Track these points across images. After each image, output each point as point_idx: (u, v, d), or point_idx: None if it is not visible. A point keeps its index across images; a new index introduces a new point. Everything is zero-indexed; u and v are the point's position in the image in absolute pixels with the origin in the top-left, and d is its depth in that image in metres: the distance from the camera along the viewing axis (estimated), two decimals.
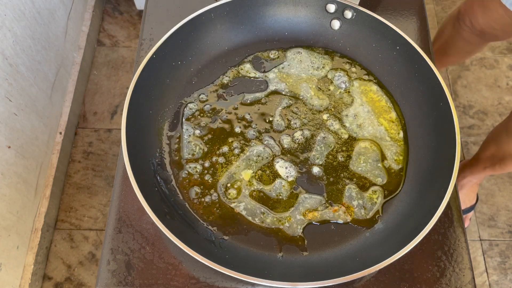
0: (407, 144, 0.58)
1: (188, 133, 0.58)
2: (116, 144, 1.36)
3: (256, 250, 0.51)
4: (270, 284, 0.44)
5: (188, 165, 0.55)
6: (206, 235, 0.51)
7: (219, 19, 0.61)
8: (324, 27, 0.64)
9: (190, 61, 0.61)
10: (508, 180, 1.35)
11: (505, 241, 1.27)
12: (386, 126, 0.59)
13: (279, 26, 0.64)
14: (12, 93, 1.01)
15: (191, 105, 0.60)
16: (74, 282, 1.17)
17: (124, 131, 0.50)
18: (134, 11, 1.59)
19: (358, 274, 0.44)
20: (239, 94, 0.61)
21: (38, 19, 1.13)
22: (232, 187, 0.55)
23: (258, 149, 0.57)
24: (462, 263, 0.52)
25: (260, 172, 0.56)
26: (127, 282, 0.51)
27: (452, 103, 0.54)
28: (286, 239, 0.52)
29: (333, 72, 0.63)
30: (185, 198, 0.54)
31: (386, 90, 0.62)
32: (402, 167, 0.57)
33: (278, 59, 0.64)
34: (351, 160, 0.57)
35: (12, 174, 1.01)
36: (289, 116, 0.59)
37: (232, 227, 0.52)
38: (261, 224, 0.53)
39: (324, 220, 0.53)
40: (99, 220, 1.25)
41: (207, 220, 0.52)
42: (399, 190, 0.55)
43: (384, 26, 0.60)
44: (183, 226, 0.50)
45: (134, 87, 0.53)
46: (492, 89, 1.49)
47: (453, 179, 0.49)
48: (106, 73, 1.48)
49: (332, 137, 0.58)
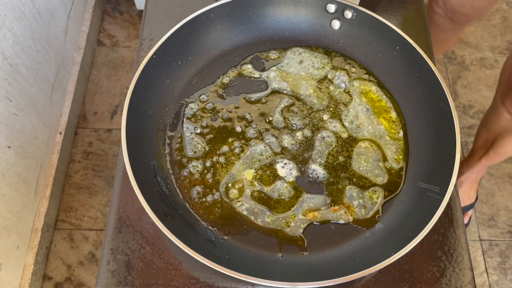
0: (407, 143, 0.58)
1: (189, 131, 0.58)
2: (116, 144, 1.36)
3: (256, 250, 0.51)
4: (270, 284, 0.44)
5: (190, 164, 0.55)
6: (206, 235, 0.51)
7: (219, 19, 0.61)
8: (324, 27, 0.64)
9: (190, 61, 0.61)
10: (508, 180, 1.35)
11: (505, 241, 1.27)
12: (386, 125, 0.59)
13: (279, 26, 0.64)
14: (12, 93, 1.01)
15: (192, 105, 0.60)
16: (74, 282, 1.17)
17: (124, 132, 0.50)
18: (134, 11, 1.59)
19: (358, 274, 0.44)
20: (239, 94, 0.61)
21: (38, 19, 1.13)
22: (234, 187, 0.55)
23: (258, 149, 0.57)
24: (462, 263, 0.52)
25: (261, 172, 0.56)
26: (127, 282, 0.51)
27: (452, 103, 0.54)
28: (286, 239, 0.52)
29: (333, 72, 0.63)
30: (186, 198, 0.54)
31: (386, 90, 0.62)
32: (402, 166, 0.57)
33: (278, 59, 0.64)
34: (351, 159, 0.57)
35: (12, 174, 1.01)
36: (289, 116, 0.60)
37: (232, 227, 0.52)
38: (261, 224, 0.53)
39: (324, 220, 0.53)
40: (99, 220, 1.25)
41: (207, 220, 0.52)
42: (399, 190, 0.55)
43: (384, 26, 0.60)
44: (183, 226, 0.50)
45: (134, 88, 0.53)
46: (492, 89, 1.49)
47: (453, 179, 0.49)
48: (106, 73, 1.48)
49: (332, 137, 0.58)
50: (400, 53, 0.60)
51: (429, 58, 0.57)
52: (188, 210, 0.53)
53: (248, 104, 0.60)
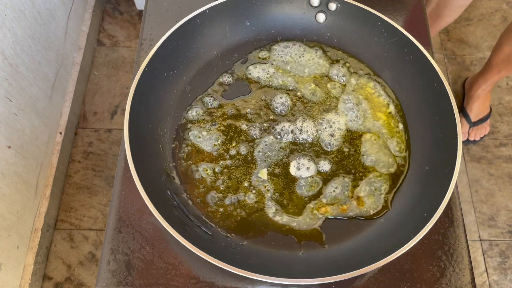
0: (408, 133, 0.59)
1: (193, 139, 0.57)
2: (116, 144, 1.36)
3: (277, 250, 0.51)
4: (294, 282, 0.44)
5: (199, 172, 0.55)
6: (226, 242, 0.51)
7: (205, 25, 0.61)
8: (310, 21, 0.64)
9: (182, 70, 0.60)
10: (508, 180, 1.35)
11: (505, 241, 1.27)
12: (385, 119, 0.59)
13: (266, 25, 0.65)
14: (12, 93, 1.01)
15: (191, 112, 0.59)
16: (74, 282, 1.17)
17: (130, 153, 0.49)
18: (134, 11, 1.59)
19: (383, 261, 0.45)
20: (236, 96, 0.61)
21: (38, 19, 1.13)
22: (247, 190, 0.54)
23: (266, 148, 0.57)
24: (462, 263, 0.52)
25: (273, 170, 0.56)
26: (127, 282, 0.51)
27: (446, 81, 0.54)
28: (305, 236, 0.52)
29: (326, 65, 0.63)
30: (199, 207, 0.53)
31: (379, 76, 0.62)
32: (406, 156, 0.57)
33: (268, 58, 0.64)
34: (356, 152, 0.57)
35: (12, 174, 1.01)
36: (289, 111, 0.60)
37: (249, 231, 0.52)
38: (279, 224, 0.53)
39: (338, 213, 0.54)
40: (99, 220, 1.25)
41: (223, 226, 0.52)
42: (404, 177, 0.56)
43: (370, 14, 0.60)
44: (202, 237, 0.50)
45: (131, 106, 0.52)
46: (492, 89, 1.49)
47: (458, 161, 0.50)
48: (106, 73, 1.48)
49: (335, 131, 0.58)
50: (388, 39, 0.60)
51: (418, 42, 0.57)
52: (204, 220, 0.52)
53: (247, 104, 0.60)
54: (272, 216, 0.53)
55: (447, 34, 1.59)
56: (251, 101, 0.61)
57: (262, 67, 0.63)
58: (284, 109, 0.60)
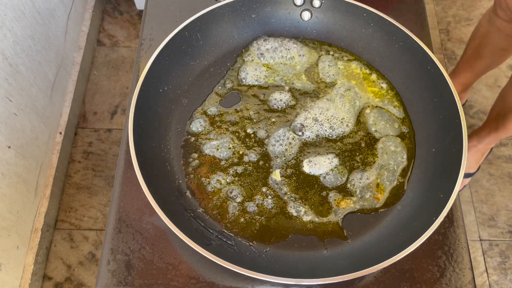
0: (408, 115, 0.60)
1: (202, 150, 0.57)
2: (116, 144, 1.36)
3: (301, 252, 0.51)
4: (321, 282, 0.44)
5: (212, 184, 0.55)
6: (250, 251, 0.51)
7: (192, 38, 0.60)
8: (296, 20, 0.65)
9: (176, 84, 0.60)
10: (508, 180, 1.35)
11: (505, 241, 1.27)
12: (376, 90, 0.61)
13: (253, 29, 0.65)
14: (12, 93, 1.01)
15: (193, 125, 0.59)
16: (74, 282, 1.17)
17: (140, 175, 0.48)
18: (134, 11, 1.59)
19: (411, 247, 0.45)
20: (234, 102, 0.61)
21: (38, 19, 1.13)
22: (264, 195, 0.54)
23: (274, 148, 0.57)
24: (462, 263, 0.52)
25: (285, 171, 0.56)
26: (127, 282, 0.51)
27: (437, 61, 0.55)
28: (326, 233, 0.52)
29: (316, 59, 0.64)
30: (217, 220, 0.53)
31: (371, 67, 0.63)
32: (405, 117, 0.59)
33: (259, 59, 0.64)
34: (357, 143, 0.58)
35: (12, 174, 1.01)
36: (290, 108, 0.60)
37: (271, 237, 0.52)
38: (299, 225, 0.53)
39: (359, 205, 0.54)
40: (99, 220, 1.25)
41: (244, 236, 0.52)
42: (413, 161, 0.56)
43: (354, 6, 0.61)
44: (226, 249, 0.50)
45: (133, 127, 0.51)
46: (492, 89, 1.49)
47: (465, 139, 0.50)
48: (106, 73, 1.48)
49: (340, 121, 0.59)
50: (375, 28, 0.61)
51: (404, 27, 0.58)
52: (223, 231, 0.52)
53: (246, 107, 0.60)
54: (293, 217, 0.53)
55: (447, 34, 1.59)
56: (250, 104, 0.61)
57: (254, 69, 0.63)
58: (283, 105, 0.60)
